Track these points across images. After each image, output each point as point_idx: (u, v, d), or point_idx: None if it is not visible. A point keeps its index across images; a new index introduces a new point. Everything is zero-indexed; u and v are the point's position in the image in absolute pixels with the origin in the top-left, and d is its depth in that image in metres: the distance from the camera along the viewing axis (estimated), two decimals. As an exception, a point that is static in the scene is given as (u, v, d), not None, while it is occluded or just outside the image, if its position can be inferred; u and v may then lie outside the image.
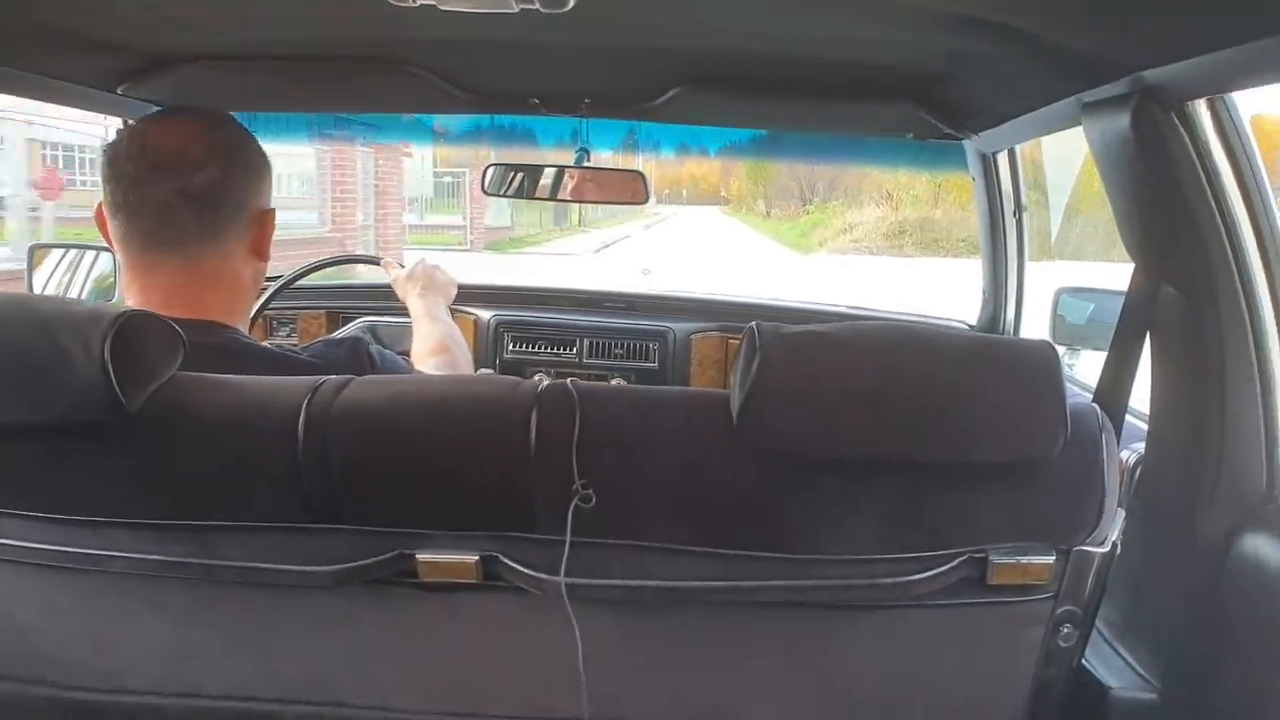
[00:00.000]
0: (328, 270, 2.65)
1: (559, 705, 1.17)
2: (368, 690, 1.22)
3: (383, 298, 2.50)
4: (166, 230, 1.28)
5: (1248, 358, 1.26)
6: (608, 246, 23.74)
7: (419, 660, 1.21)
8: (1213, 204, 1.22)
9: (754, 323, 1.08)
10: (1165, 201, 1.25)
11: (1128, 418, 1.57)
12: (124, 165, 1.27)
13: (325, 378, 1.16)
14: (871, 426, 1.05)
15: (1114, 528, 1.17)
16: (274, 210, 1.37)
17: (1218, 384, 1.27)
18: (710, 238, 27.33)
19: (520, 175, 2.29)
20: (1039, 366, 1.07)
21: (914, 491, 1.11)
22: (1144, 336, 1.31)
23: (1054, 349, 1.10)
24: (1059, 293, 2.32)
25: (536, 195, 2.29)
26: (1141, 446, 1.44)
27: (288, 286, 2.44)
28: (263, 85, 2.03)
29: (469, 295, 2.62)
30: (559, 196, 2.28)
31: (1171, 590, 1.30)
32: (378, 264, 2.33)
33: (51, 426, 1.08)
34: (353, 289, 2.96)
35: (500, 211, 22.98)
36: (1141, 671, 1.31)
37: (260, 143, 1.39)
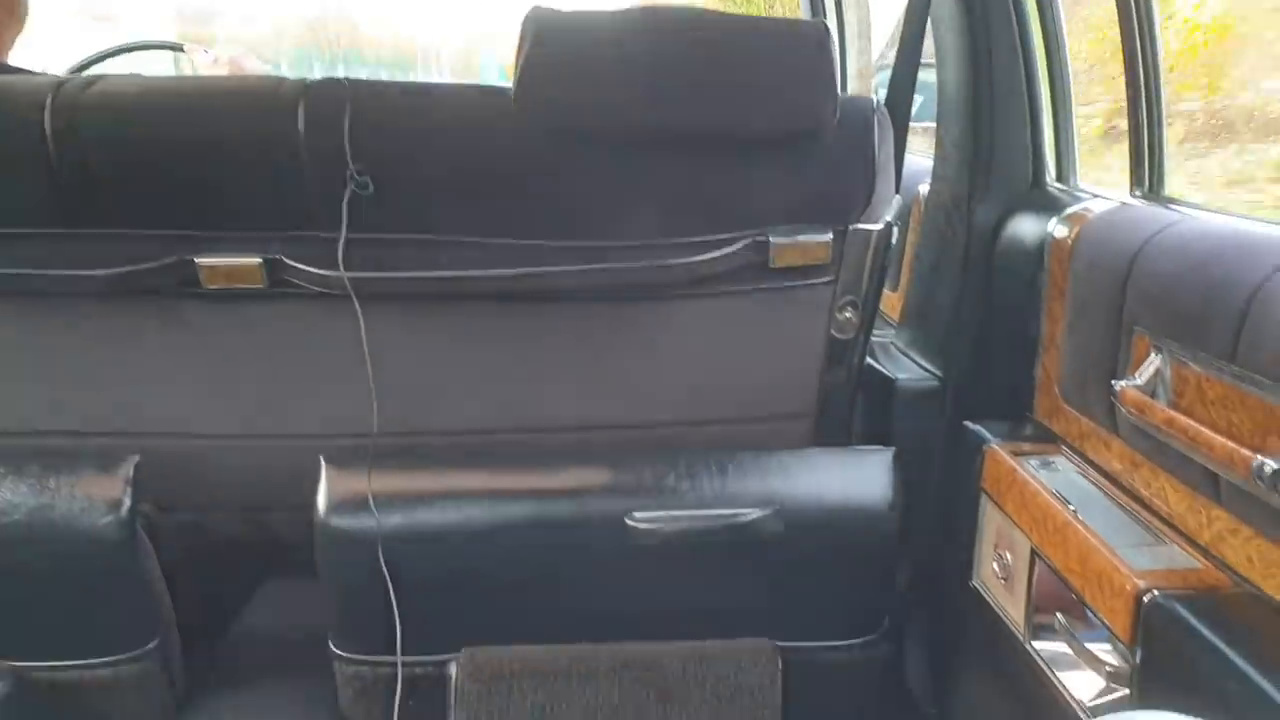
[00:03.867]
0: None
1: (357, 418, 1.18)
2: (165, 414, 1.22)
3: None
4: None
5: (1015, 57, 1.33)
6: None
7: (214, 378, 1.21)
8: None
9: (532, 7, 1.09)
10: None
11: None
12: None
13: (72, 75, 1.12)
14: (647, 96, 1.08)
15: (889, 209, 1.24)
16: None
17: (987, 83, 1.34)
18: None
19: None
20: (809, 42, 1.10)
21: (695, 171, 1.15)
22: (922, 39, 1.37)
23: (826, 28, 1.14)
24: (877, 74, 2.37)
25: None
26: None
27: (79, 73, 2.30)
28: None
29: None
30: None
31: (951, 284, 1.40)
32: (180, 50, 2.19)
33: None
34: None
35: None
36: (925, 365, 1.42)
37: None
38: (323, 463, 1.15)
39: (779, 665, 1.20)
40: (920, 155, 1.71)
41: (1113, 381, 1.01)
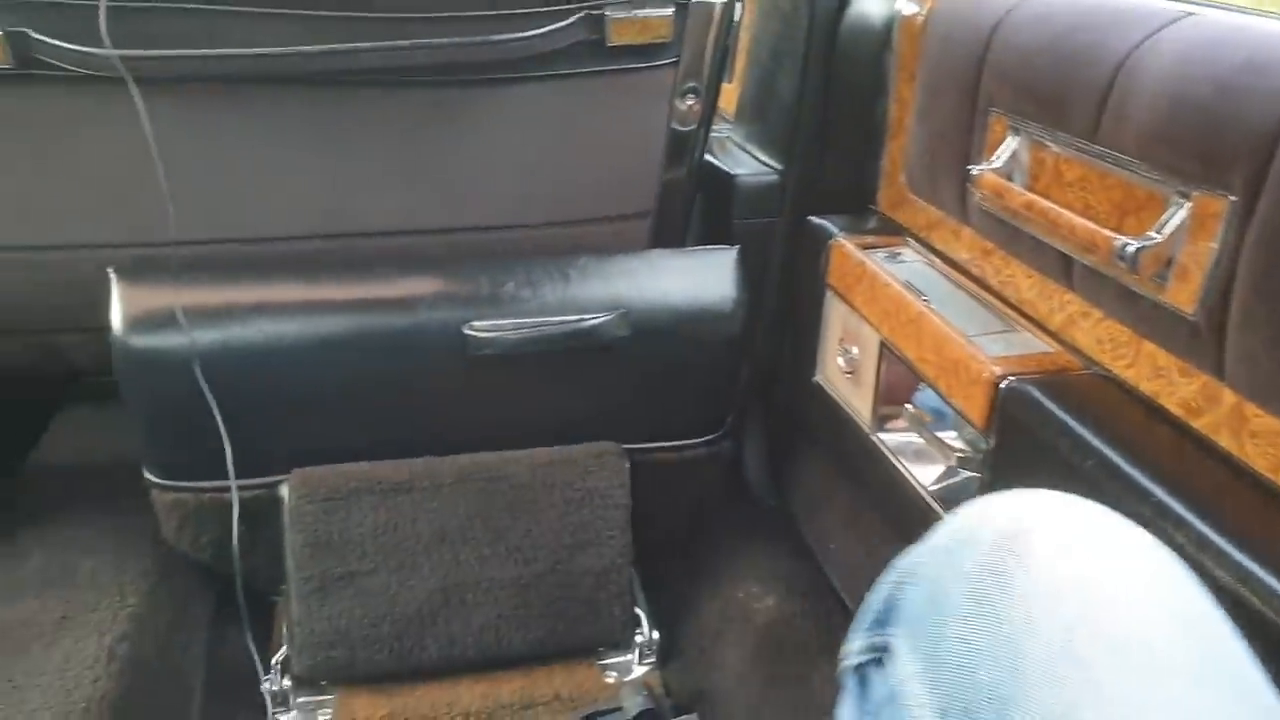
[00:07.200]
0: None
1: (148, 227, 1.03)
2: None
3: None
4: None
5: None
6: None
7: None
8: None
9: None
10: None
11: None
12: None
13: None
14: None
15: None
16: None
17: None
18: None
19: None
20: None
21: None
22: None
23: None
24: None
25: None
26: None
27: None
28: None
29: None
30: None
31: (793, 70, 1.31)
32: None
33: None
34: None
35: None
36: (765, 159, 1.36)
37: None
38: (112, 276, 1.02)
39: (626, 467, 1.18)
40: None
41: (968, 166, 0.97)
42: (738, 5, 1.16)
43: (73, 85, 0.96)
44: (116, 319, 1.02)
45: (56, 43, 0.92)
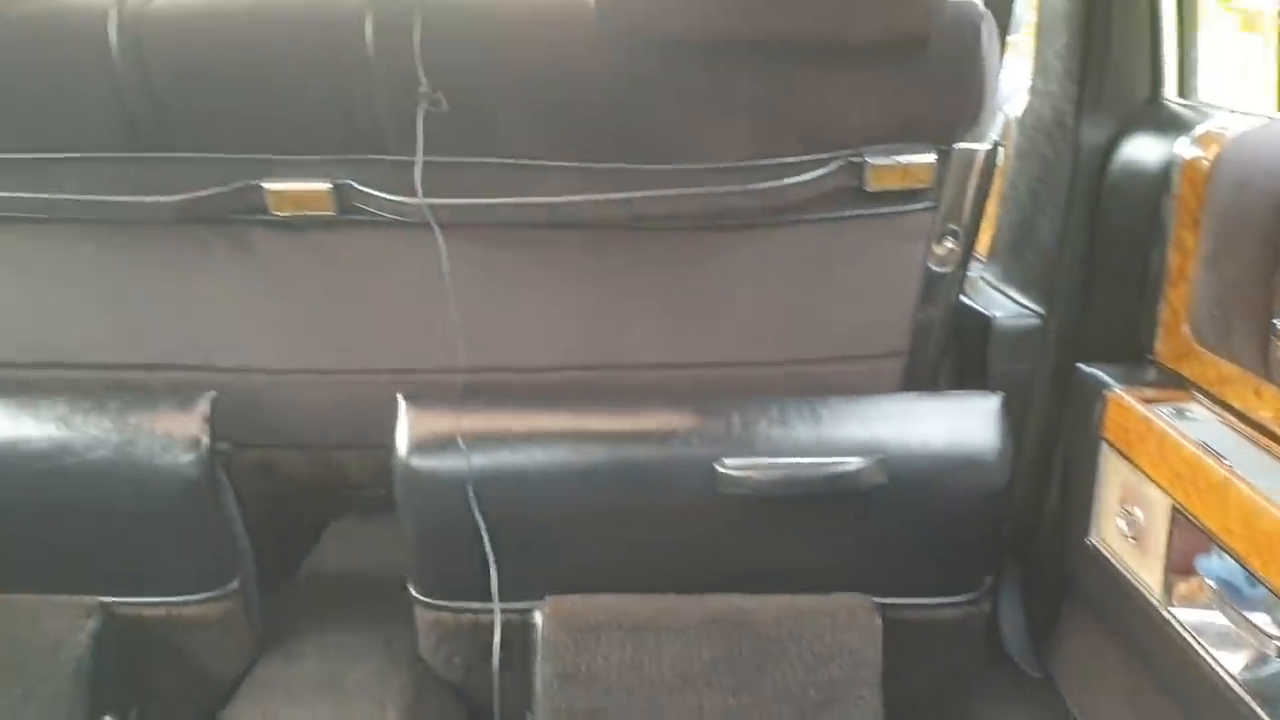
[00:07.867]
0: None
1: (432, 354, 1.13)
2: (236, 348, 1.17)
3: None
4: None
5: None
6: None
7: (284, 311, 1.15)
8: None
9: None
10: None
11: None
12: None
13: None
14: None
15: (995, 128, 1.12)
16: None
17: None
18: None
19: None
20: None
21: (787, 83, 1.04)
22: None
23: None
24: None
25: None
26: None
27: None
28: None
29: None
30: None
31: (1054, 212, 1.27)
32: None
33: None
34: None
35: None
36: (1024, 302, 1.31)
37: None
38: (401, 400, 1.10)
39: (879, 623, 1.12)
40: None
41: (1272, 320, 0.89)
42: (1000, 149, 1.14)
43: (378, 228, 1.09)
44: (402, 441, 1.09)
45: (375, 193, 1.06)
